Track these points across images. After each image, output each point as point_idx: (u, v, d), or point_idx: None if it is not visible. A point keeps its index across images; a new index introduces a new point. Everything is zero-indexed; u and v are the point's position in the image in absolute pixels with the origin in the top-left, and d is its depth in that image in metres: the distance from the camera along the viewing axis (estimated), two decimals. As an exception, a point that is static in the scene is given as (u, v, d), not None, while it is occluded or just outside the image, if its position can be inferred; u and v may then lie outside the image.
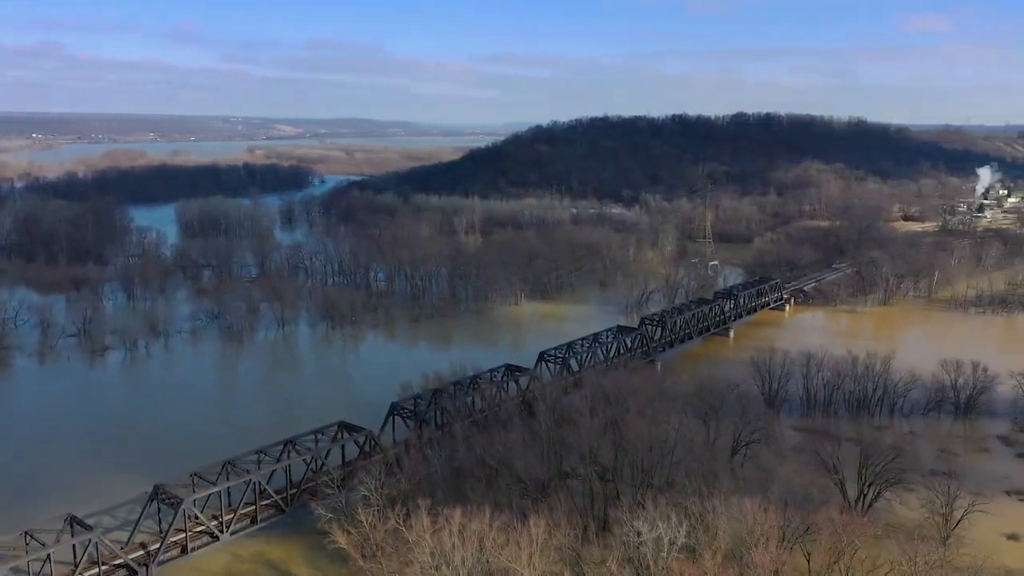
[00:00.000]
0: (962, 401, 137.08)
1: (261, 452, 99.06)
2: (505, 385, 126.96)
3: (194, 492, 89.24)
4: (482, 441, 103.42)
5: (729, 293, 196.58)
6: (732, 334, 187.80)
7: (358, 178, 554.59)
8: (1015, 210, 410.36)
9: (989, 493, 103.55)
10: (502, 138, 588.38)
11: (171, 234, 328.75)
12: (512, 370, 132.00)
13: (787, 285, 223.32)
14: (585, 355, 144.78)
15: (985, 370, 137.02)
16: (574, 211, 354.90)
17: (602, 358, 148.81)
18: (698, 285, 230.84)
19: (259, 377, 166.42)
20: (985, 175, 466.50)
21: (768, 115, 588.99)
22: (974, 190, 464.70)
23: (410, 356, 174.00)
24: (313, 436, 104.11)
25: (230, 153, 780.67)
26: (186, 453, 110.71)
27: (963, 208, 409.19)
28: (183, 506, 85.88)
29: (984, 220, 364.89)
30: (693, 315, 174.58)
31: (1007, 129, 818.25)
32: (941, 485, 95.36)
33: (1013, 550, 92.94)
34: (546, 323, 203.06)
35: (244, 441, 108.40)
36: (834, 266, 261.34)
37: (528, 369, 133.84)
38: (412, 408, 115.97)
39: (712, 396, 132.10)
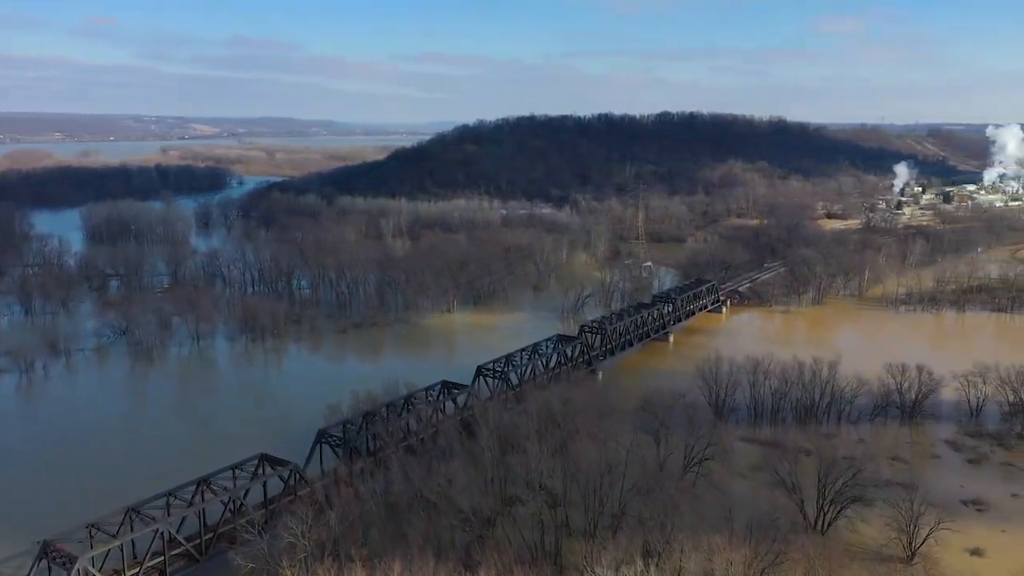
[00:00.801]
0: (908, 405, 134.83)
1: (170, 495, 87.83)
2: (442, 405, 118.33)
3: (91, 548, 78.02)
4: (420, 472, 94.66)
5: (667, 296, 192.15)
6: (672, 339, 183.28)
7: (279, 179, 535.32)
8: (931, 207, 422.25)
9: (945, 504, 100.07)
10: (427, 137, 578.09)
11: (76, 241, 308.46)
12: (449, 387, 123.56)
13: (722, 286, 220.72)
14: (525, 368, 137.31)
15: (930, 374, 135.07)
16: (504, 212, 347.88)
17: (542, 369, 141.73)
18: (633, 287, 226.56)
19: (171, 401, 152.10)
20: (902, 172, 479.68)
21: (692, 114, 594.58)
22: (892, 187, 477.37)
23: (338, 372, 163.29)
24: (231, 472, 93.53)
25: (142, 154, 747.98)
26: (84, 497, 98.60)
27: (882, 205, 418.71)
28: (78, 565, 74.64)
29: (904, 217, 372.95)
30: (633, 321, 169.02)
31: (917, 127, 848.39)
32: (904, 502, 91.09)
33: (980, 567, 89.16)
34: (480, 332, 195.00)
35: (152, 478, 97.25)
36: (766, 265, 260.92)
37: (465, 386, 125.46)
38: (341, 436, 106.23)
39: (659, 408, 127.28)
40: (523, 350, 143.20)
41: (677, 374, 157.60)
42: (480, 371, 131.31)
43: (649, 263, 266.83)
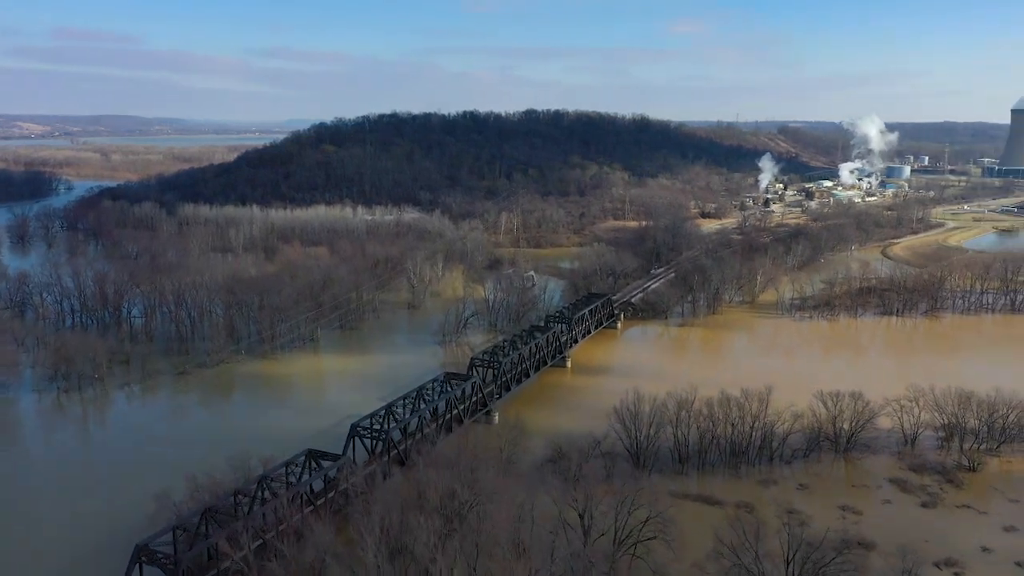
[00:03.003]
0: (843, 438, 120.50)
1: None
2: (308, 487, 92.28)
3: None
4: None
5: (561, 316, 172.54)
6: (569, 363, 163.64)
7: (113, 184, 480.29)
8: (797, 204, 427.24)
9: (918, 569, 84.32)
10: (283, 136, 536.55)
11: None
12: (316, 458, 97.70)
13: (614, 298, 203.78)
14: (409, 420, 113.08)
15: (867, 403, 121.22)
16: (369, 219, 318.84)
17: (430, 417, 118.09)
18: (519, 302, 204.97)
19: None
20: (767, 169, 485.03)
21: (557, 112, 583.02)
22: (757, 185, 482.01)
23: (173, 435, 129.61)
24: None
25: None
26: None
27: (751, 203, 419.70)
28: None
29: (776, 216, 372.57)
30: (529, 349, 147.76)
31: (767, 125, 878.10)
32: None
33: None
34: (351, 366, 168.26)
35: None
36: (653, 272, 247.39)
37: (336, 455, 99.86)
38: (170, 556, 78.09)
39: (572, 458, 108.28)
40: (406, 397, 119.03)
41: (583, 406, 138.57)
42: (355, 431, 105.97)
43: (532, 272, 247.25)
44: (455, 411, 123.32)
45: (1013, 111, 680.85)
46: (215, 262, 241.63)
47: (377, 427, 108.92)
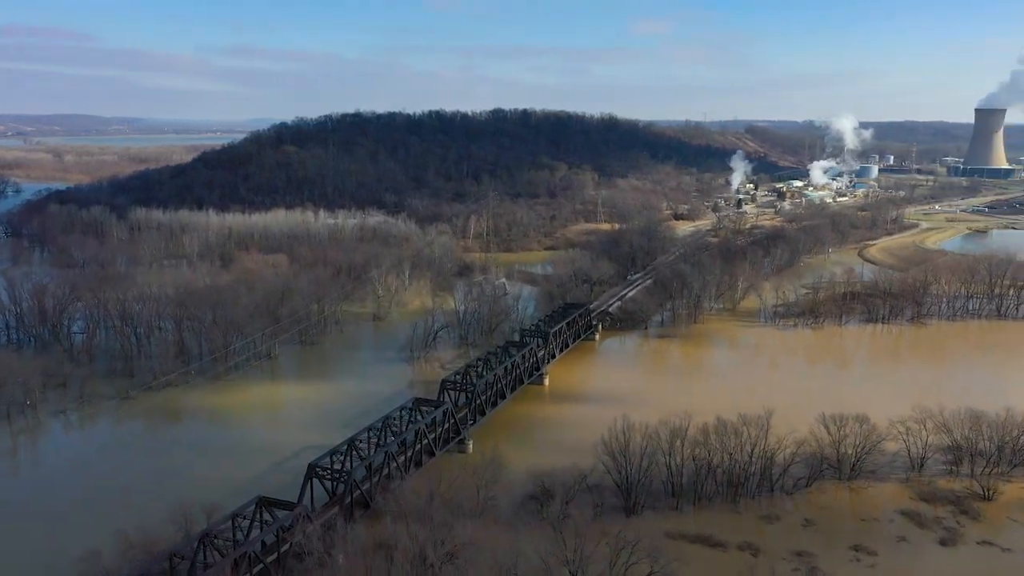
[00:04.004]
0: (847, 465, 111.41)
1: None
2: (258, 544, 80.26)
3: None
4: None
5: (538, 330, 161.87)
6: (547, 381, 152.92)
7: (63, 187, 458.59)
8: (770, 205, 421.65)
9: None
10: (245, 136, 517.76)
11: None
12: (267, 506, 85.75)
13: (592, 307, 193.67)
14: (375, 456, 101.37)
15: (874, 426, 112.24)
16: (332, 222, 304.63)
17: (397, 451, 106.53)
18: (491, 312, 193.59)
19: None
20: (739, 167, 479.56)
21: (525, 111, 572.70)
22: (729, 185, 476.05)
23: (109, 475, 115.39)
24: None
25: None
26: None
27: (723, 204, 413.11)
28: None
29: (749, 217, 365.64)
30: (504, 368, 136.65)
31: (735, 124, 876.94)
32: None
33: None
34: (311, 389, 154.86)
35: None
36: (630, 278, 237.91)
37: (290, 504, 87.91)
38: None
39: (557, 492, 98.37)
40: (370, 429, 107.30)
41: (563, 431, 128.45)
42: (313, 472, 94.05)
43: (503, 280, 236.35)
44: (425, 441, 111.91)
45: (977, 110, 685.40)
46: (166, 272, 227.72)
47: (338, 466, 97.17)
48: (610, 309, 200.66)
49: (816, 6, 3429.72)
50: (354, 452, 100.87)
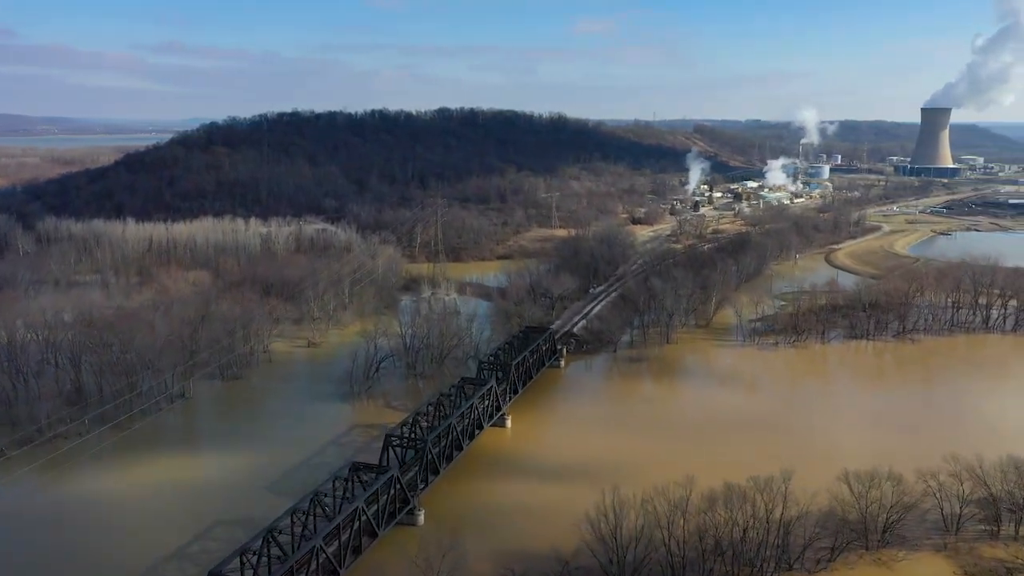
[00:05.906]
0: (876, 533, 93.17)
1: None
2: None
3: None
4: None
5: (497, 360, 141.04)
6: (509, 422, 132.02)
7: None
8: (727, 207, 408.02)
9: None
10: (171, 135, 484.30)
11: None
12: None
13: (554, 328, 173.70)
14: (297, 553, 79.21)
15: (901, 483, 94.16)
16: (265, 231, 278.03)
17: (326, 538, 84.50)
18: (441, 335, 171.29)
19: None
20: (696, 167, 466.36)
21: (472, 110, 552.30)
22: (682, 185, 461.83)
23: None
24: None
25: None
26: None
27: (679, 206, 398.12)
28: None
29: (709, 220, 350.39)
30: (461, 414, 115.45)
31: (683, 123, 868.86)
32: None
33: None
34: (228, 442, 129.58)
35: None
36: (592, 291, 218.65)
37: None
38: None
39: None
40: (295, 512, 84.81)
41: (534, 492, 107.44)
42: (241, 556, 71.48)
43: (453, 295, 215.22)
44: (365, 517, 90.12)
45: (923, 110, 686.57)
46: (72, 292, 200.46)
47: (251, 570, 74.84)
48: (575, 330, 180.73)
49: (754, 7, 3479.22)
50: (272, 543, 78.55)
